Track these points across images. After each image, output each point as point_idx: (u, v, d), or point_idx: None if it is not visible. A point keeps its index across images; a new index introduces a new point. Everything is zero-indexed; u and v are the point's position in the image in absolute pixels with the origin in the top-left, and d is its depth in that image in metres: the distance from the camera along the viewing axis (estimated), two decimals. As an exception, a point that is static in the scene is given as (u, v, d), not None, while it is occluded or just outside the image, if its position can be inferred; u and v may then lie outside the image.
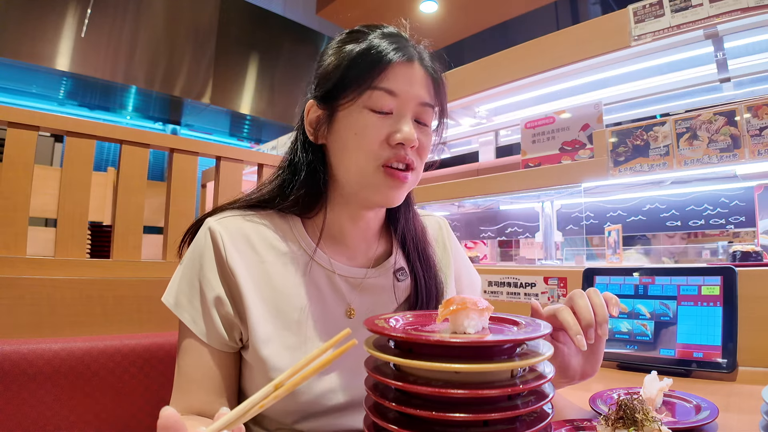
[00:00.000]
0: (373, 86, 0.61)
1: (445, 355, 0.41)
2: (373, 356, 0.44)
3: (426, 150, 0.67)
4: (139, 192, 1.17)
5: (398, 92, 0.62)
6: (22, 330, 0.92)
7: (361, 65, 0.62)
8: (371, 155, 0.62)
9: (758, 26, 1.24)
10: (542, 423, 0.41)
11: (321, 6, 3.89)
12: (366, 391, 0.46)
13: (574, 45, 1.57)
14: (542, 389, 0.44)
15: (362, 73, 0.62)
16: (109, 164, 3.20)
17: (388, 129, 0.62)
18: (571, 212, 1.82)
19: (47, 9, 3.86)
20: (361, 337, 0.65)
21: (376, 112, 0.62)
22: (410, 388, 0.40)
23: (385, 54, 0.62)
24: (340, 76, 0.63)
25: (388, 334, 0.43)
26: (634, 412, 0.50)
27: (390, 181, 0.63)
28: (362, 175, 0.63)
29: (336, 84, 0.64)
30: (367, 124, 0.62)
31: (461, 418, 0.38)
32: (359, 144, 0.62)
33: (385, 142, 0.62)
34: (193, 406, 0.61)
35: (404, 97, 0.63)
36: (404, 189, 0.65)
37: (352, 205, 0.68)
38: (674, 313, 0.96)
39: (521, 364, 0.40)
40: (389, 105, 0.62)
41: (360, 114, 0.62)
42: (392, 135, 0.62)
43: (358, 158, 0.63)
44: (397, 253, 0.74)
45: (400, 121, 0.63)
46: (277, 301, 0.64)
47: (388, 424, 0.40)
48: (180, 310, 0.63)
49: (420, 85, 0.64)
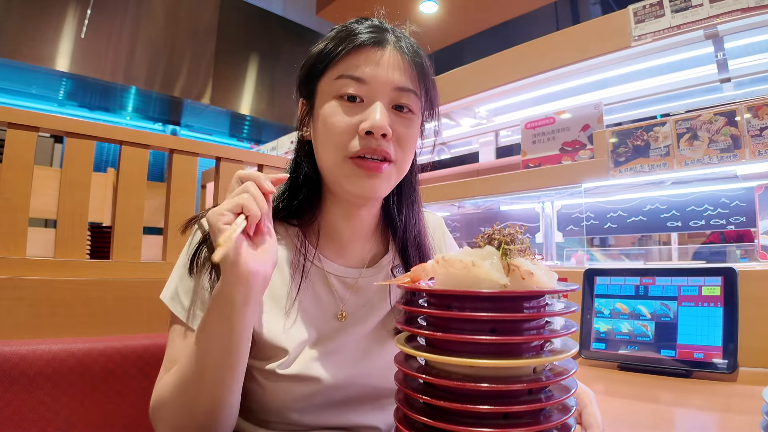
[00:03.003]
0: (340, 74, 0.60)
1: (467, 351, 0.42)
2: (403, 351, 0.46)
3: (407, 140, 0.63)
4: (138, 193, 1.17)
5: (366, 78, 0.59)
6: (22, 331, 0.92)
7: (330, 54, 0.61)
8: (339, 146, 0.59)
9: (758, 26, 1.24)
10: (565, 416, 0.42)
11: (321, 6, 3.90)
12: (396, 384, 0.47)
13: (574, 45, 1.57)
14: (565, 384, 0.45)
15: (330, 62, 0.61)
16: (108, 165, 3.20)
17: (357, 119, 0.59)
18: (572, 213, 1.82)
19: (47, 9, 3.86)
20: (351, 337, 0.66)
21: (344, 100, 0.60)
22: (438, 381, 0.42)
23: (352, 40, 0.60)
24: (312, 66, 0.63)
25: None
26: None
27: (360, 171, 0.59)
28: (334, 166, 0.61)
29: (309, 75, 0.63)
30: (333, 112, 0.60)
31: (485, 410, 0.40)
32: (327, 134, 0.60)
33: (356, 132, 0.59)
34: None
35: (374, 83, 0.60)
36: (382, 180, 0.61)
37: (342, 202, 0.67)
38: (675, 314, 0.96)
39: (544, 361, 0.41)
40: (358, 92, 0.60)
41: (329, 104, 0.60)
42: (361, 124, 0.59)
43: (327, 149, 0.61)
44: (394, 253, 0.73)
45: (371, 108, 0.59)
46: (270, 292, 0.63)
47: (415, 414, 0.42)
48: (174, 303, 0.63)
49: (393, 69, 0.61)
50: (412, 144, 0.65)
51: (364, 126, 0.58)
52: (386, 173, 0.61)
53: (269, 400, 0.62)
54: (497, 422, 0.40)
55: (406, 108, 0.62)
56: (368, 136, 0.59)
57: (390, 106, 0.61)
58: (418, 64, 0.64)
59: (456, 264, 0.43)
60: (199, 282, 0.62)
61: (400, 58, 0.62)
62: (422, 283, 0.47)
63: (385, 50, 0.61)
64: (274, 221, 0.66)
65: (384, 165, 0.60)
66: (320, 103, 0.62)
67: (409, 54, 0.63)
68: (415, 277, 0.47)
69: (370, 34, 0.61)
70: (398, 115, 0.62)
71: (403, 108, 0.62)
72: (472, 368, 0.41)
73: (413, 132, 0.64)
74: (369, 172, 0.60)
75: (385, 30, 0.63)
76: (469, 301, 0.42)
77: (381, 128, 0.58)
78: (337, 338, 0.65)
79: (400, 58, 0.62)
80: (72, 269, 1.05)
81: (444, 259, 0.44)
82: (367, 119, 0.58)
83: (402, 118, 0.62)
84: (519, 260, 0.42)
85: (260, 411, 0.64)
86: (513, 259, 0.43)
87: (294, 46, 5.30)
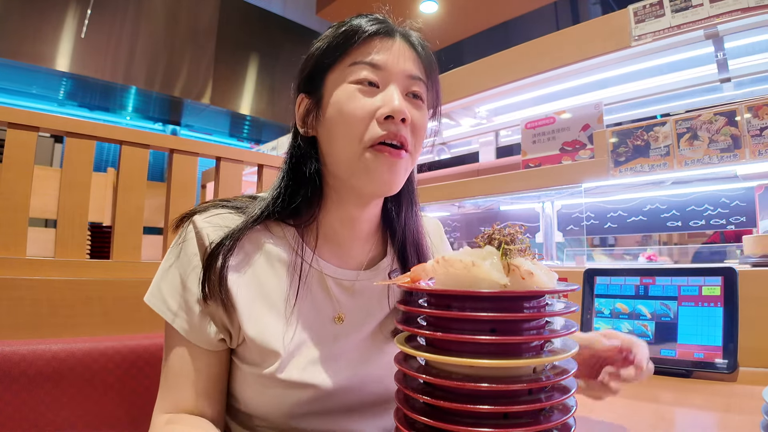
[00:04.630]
0: (355, 61, 0.59)
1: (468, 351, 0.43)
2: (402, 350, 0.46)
3: (422, 129, 0.62)
4: (138, 193, 1.17)
5: (381, 64, 0.59)
6: (22, 331, 0.92)
7: (341, 43, 0.60)
8: (357, 135, 0.58)
9: (758, 26, 1.24)
10: (565, 416, 0.42)
11: (321, 6, 3.90)
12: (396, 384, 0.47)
13: (575, 45, 1.57)
14: (565, 384, 0.45)
15: (343, 50, 0.60)
16: (109, 165, 3.20)
17: (375, 103, 0.58)
18: (572, 213, 1.82)
19: (47, 9, 3.86)
20: (348, 340, 0.65)
21: (360, 85, 0.59)
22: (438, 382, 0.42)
23: (364, 29, 0.60)
24: (321, 57, 0.61)
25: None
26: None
27: (382, 159, 0.58)
28: (352, 158, 0.59)
29: (317, 66, 0.62)
30: (349, 97, 0.58)
31: (485, 410, 0.40)
32: (344, 122, 0.58)
33: (374, 118, 0.58)
34: (178, 405, 0.59)
35: (389, 70, 0.59)
36: (401, 170, 0.60)
37: (346, 202, 0.65)
38: (675, 314, 0.96)
39: (544, 361, 0.42)
40: (373, 77, 0.59)
41: (344, 90, 0.59)
42: (379, 109, 0.58)
43: (344, 140, 0.59)
44: (392, 256, 0.72)
45: (388, 93, 0.58)
46: (264, 295, 0.62)
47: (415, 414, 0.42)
48: (163, 308, 0.61)
49: (405, 58, 0.61)
50: (424, 134, 0.64)
51: (384, 111, 0.57)
52: (404, 162, 0.60)
53: (264, 405, 0.61)
54: (497, 422, 0.40)
55: (418, 97, 0.62)
56: (387, 121, 0.58)
57: (404, 94, 0.61)
58: (428, 56, 0.64)
59: (456, 264, 0.43)
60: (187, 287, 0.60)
61: (409, 48, 0.62)
62: (422, 283, 0.47)
63: (395, 40, 0.61)
64: (270, 221, 0.65)
65: (402, 152, 0.59)
66: (331, 92, 0.61)
67: (418, 45, 0.63)
68: (414, 277, 0.47)
69: (379, 25, 0.61)
70: (412, 102, 0.61)
71: (415, 96, 0.62)
72: (472, 368, 0.41)
73: (425, 121, 0.64)
74: (390, 158, 0.58)
75: (389, 22, 0.63)
76: (469, 301, 0.42)
77: (401, 112, 0.57)
78: (334, 342, 0.64)
79: (410, 48, 0.62)
80: (72, 269, 1.05)
81: (444, 259, 0.44)
82: (385, 104, 0.57)
83: (416, 105, 0.62)
84: (519, 260, 0.42)
85: (254, 416, 0.63)
86: (513, 259, 0.43)
87: (294, 46, 5.30)
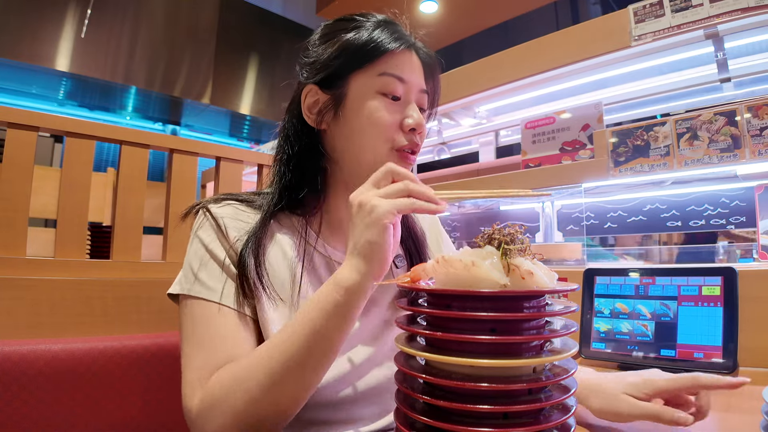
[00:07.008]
0: (383, 72, 0.65)
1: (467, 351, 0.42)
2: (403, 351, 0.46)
3: (425, 136, 0.71)
4: (138, 192, 1.17)
5: (406, 79, 0.66)
6: (22, 331, 0.92)
7: (370, 51, 0.65)
8: (387, 139, 0.65)
9: (758, 26, 1.24)
10: (565, 416, 0.42)
11: (321, 6, 3.89)
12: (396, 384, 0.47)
13: (574, 45, 1.57)
14: (565, 383, 0.45)
15: (371, 58, 0.65)
16: (108, 165, 3.20)
17: (399, 114, 0.66)
18: (572, 212, 1.82)
19: (47, 9, 3.86)
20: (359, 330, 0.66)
21: (388, 98, 0.65)
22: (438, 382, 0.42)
23: (391, 41, 0.65)
24: (347, 62, 0.65)
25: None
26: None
27: (403, 162, 0.66)
28: (376, 157, 0.65)
29: (343, 69, 0.66)
30: (380, 108, 0.65)
31: (484, 409, 0.40)
32: (375, 127, 0.65)
33: (399, 127, 0.65)
34: (210, 364, 0.57)
35: (410, 84, 0.66)
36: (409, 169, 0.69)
37: (352, 191, 0.68)
38: (675, 314, 0.96)
39: (544, 361, 0.42)
40: (399, 90, 0.66)
41: (373, 99, 0.65)
42: (404, 120, 0.66)
43: (374, 142, 0.65)
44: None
45: (409, 107, 0.67)
46: (273, 278, 0.64)
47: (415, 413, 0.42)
48: (189, 286, 0.61)
49: (419, 72, 0.68)
50: None
51: (410, 123, 0.65)
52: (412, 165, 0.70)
53: None
54: (497, 422, 0.40)
55: (423, 109, 0.70)
56: (411, 132, 0.66)
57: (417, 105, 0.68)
58: (433, 66, 0.71)
59: (456, 264, 0.43)
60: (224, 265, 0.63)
61: (419, 61, 0.69)
62: (422, 282, 0.47)
63: (412, 54, 0.68)
64: (279, 212, 0.69)
65: (414, 156, 0.69)
66: (357, 96, 0.66)
67: (426, 57, 0.70)
68: (415, 277, 0.47)
69: (398, 38, 0.66)
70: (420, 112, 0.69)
71: (422, 109, 0.70)
72: (472, 368, 0.41)
73: None
74: (407, 162, 0.67)
75: (404, 30, 0.69)
76: (469, 301, 0.42)
77: (422, 126, 0.67)
78: None
79: (422, 62, 0.69)
80: (72, 269, 1.05)
81: (444, 258, 0.44)
82: (410, 117, 0.66)
83: (423, 116, 0.69)
84: (519, 260, 0.42)
85: None
86: (513, 258, 0.43)
87: (294, 45, 5.28)
